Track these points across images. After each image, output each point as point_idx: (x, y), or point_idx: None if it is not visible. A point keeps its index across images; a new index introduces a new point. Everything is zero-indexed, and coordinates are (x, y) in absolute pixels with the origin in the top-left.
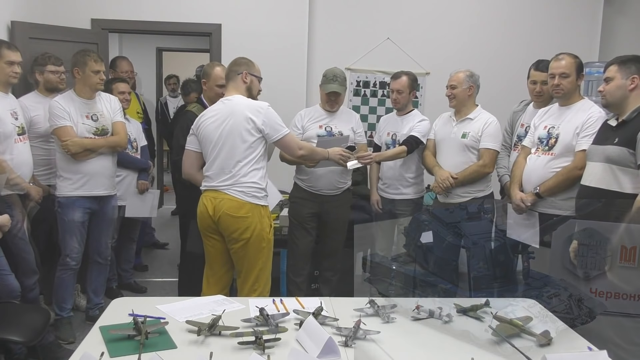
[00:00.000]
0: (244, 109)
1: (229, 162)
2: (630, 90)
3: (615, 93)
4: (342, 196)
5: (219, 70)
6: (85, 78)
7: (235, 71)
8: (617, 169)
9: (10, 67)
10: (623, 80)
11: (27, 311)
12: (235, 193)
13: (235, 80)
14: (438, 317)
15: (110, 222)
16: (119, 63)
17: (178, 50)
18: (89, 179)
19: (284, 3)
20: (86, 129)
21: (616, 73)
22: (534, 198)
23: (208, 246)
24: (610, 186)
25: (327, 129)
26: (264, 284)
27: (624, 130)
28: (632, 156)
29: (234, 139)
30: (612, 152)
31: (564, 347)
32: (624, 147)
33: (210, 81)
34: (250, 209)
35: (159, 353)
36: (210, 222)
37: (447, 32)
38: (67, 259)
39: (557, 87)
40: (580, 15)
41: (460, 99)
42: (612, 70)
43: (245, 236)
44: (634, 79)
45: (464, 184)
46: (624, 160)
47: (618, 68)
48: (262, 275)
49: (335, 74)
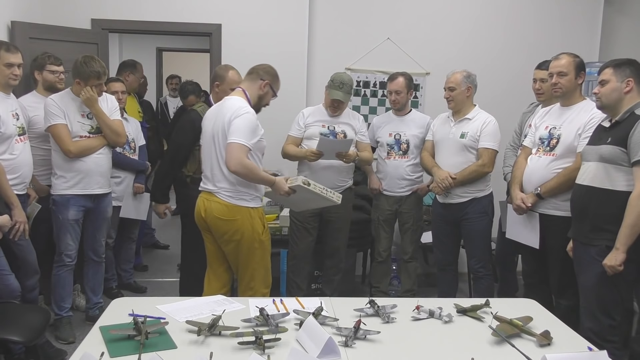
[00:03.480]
0: (228, 111)
1: (216, 163)
2: (625, 92)
3: (611, 96)
4: (343, 195)
5: (233, 73)
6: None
7: (259, 75)
8: (611, 168)
9: (9, 69)
10: (618, 83)
11: (27, 311)
12: (223, 196)
13: (253, 82)
14: (438, 317)
15: (105, 220)
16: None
17: (178, 50)
18: (84, 177)
19: (284, 3)
20: (81, 127)
21: (611, 76)
22: (535, 199)
23: (207, 243)
24: (604, 184)
25: (330, 128)
26: (259, 282)
27: (616, 130)
28: (624, 154)
29: (219, 141)
30: (605, 151)
31: (564, 347)
32: (617, 146)
33: (225, 84)
34: (238, 211)
35: (159, 353)
36: (203, 222)
37: (447, 32)
38: (63, 256)
39: (555, 86)
40: (580, 15)
41: (459, 101)
42: (607, 73)
43: (236, 238)
44: (628, 82)
45: (464, 184)
46: (617, 158)
47: (613, 71)
48: (256, 274)
49: (342, 82)
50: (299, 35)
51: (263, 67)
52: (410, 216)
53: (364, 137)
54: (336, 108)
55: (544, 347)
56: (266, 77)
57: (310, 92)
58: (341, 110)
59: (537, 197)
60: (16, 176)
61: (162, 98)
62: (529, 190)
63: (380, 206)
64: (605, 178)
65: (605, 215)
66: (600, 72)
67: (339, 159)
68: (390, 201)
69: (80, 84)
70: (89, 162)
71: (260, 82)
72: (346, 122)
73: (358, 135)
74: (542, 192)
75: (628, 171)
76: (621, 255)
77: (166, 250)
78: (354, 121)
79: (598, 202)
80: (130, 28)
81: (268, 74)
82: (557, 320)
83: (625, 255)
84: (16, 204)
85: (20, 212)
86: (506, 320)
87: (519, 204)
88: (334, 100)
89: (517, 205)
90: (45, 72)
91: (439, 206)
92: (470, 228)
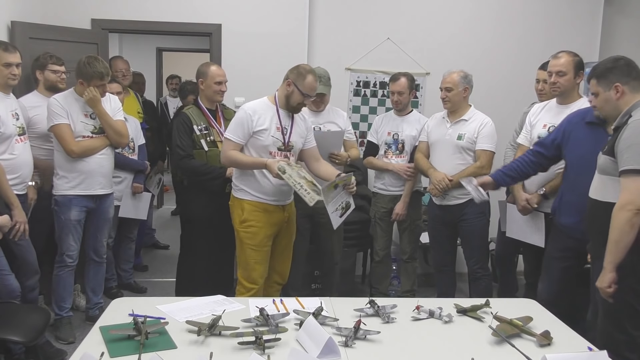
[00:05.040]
0: None
1: None
2: (617, 99)
3: (606, 107)
4: None
5: (214, 68)
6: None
7: (286, 75)
8: (606, 179)
9: (7, 68)
10: (607, 93)
11: (27, 311)
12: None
13: (282, 83)
14: (438, 317)
15: (107, 221)
16: (114, 63)
17: (178, 51)
18: (86, 177)
19: (284, 3)
20: (84, 127)
21: (597, 87)
22: (540, 199)
23: None
24: (605, 197)
25: (316, 128)
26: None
27: (611, 138)
28: (615, 164)
29: None
30: (601, 161)
31: (564, 347)
32: (608, 156)
33: (208, 79)
34: (232, 199)
35: (159, 353)
36: None
37: (447, 32)
38: (64, 256)
39: (554, 85)
40: (580, 15)
41: (455, 102)
42: (594, 86)
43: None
44: (617, 87)
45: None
46: (609, 169)
47: (597, 82)
48: (239, 264)
49: (319, 75)
50: (299, 36)
51: (293, 67)
52: (407, 216)
53: (350, 135)
54: (319, 102)
55: (544, 347)
56: (290, 76)
57: None
58: (325, 104)
59: (543, 198)
60: (16, 176)
61: (162, 98)
62: (531, 190)
63: (377, 204)
64: (604, 190)
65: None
66: (588, 83)
67: (332, 160)
68: (386, 199)
69: (84, 85)
70: (91, 163)
71: (285, 81)
72: (331, 120)
73: (345, 134)
74: (548, 192)
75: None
76: (609, 275)
77: (166, 250)
78: (339, 119)
79: (601, 216)
80: (130, 28)
81: (292, 72)
82: (557, 320)
83: (615, 275)
84: (16, 204)
85: (20, 212)
86: (506, 320)
87: (525, 205)
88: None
89: (523, 206)
90: (47, 71)
91: (436, 208)
92: (468, 229)
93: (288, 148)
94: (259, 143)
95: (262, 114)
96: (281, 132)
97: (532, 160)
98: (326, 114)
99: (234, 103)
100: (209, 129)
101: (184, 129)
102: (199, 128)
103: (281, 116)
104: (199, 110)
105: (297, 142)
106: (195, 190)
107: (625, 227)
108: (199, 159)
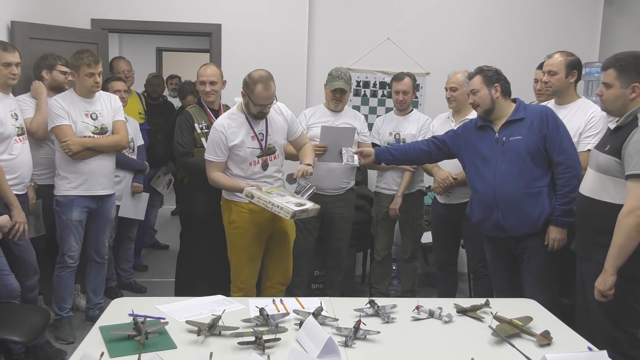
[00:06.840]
0: None
1: None
2: (632, 99)
3: (615, 103)
4: (345, 195)
5: (201, 69)
6: (81, 80)
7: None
8: (606, 179)
9: (7, 68)
10: (623, 90)
11: (27, 311)
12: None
13: None
14: (438, 317)
15: (108, 222)
16: (116, 64)
17: (178, 51)
18: (87, 178)
19: (284, 3)
20: (85, 127)
21: (615, 80)
22: None
23: None
24: (601, 196)
25: None
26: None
27: (615, 138)
28: (619, 165)
29: None
30: (602, 160)
31: (563, 347)
32: (612, 156)
33: (198, 80)
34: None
35: (159, 353)
36: None
37: (447, 32)
38: (66, 257)
39: (546, 84)
40: (580, 15)
41: (461, 101)
42: (611, 76)
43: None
44: (634, 88)
45: (465, 185)
46: (612, 169)
47: (617, 75)
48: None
49: (341, 72)
50: (299, 36)
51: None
52: (409, 215)
53: (365, 137)
54: (339, 100)
55: (544, 347)
56: (243, 86)
57: (310, 92)
58: (344, 103)
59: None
60: (15, 176)
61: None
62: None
63: (379, 204)
64: (602, 189)
65: (602, 229)
66: (603, 70)
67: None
68: (388, 199)
69: (74, 77)
70: (92, 164)
71: (241, 92)
72: (348, 122)
73: (360, 136)
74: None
75: (623, 184)
76: (610, 278)
77: (166, 250)
78: (355, 122)
79: (595, 215)
80: (130, 28)
81: (244, 82)
82: (557, 320)
83: (616, 278)
84: (15, 204)
85: (20, 213)
86: (506, 320)
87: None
88: (336, 91)
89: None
90: (55, 72)
91: (439, 206)
92: (472, 228)
93: (268, 152)
94: (236, 158)
95: (234, 128)
96: (257, 139)
97: (423, 149)
98: (344, 115)
99: (233, 103)
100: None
101: (185, 127)
102: (200, 126)
103: (252, 123)
104: (201, 109)
105: (277, 141)
106: (196, 190)
107: (632, 232)
108: (200, 157)
